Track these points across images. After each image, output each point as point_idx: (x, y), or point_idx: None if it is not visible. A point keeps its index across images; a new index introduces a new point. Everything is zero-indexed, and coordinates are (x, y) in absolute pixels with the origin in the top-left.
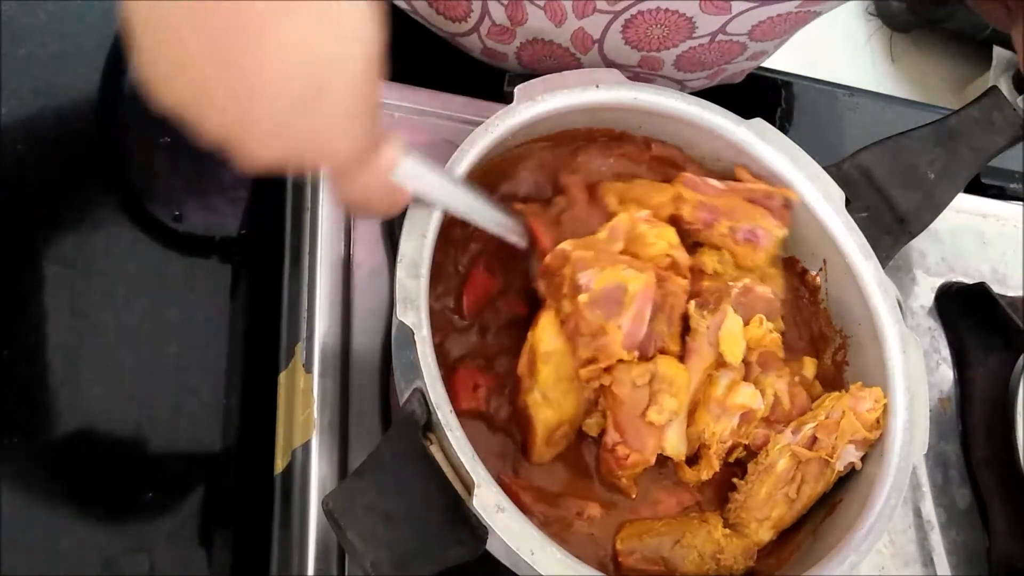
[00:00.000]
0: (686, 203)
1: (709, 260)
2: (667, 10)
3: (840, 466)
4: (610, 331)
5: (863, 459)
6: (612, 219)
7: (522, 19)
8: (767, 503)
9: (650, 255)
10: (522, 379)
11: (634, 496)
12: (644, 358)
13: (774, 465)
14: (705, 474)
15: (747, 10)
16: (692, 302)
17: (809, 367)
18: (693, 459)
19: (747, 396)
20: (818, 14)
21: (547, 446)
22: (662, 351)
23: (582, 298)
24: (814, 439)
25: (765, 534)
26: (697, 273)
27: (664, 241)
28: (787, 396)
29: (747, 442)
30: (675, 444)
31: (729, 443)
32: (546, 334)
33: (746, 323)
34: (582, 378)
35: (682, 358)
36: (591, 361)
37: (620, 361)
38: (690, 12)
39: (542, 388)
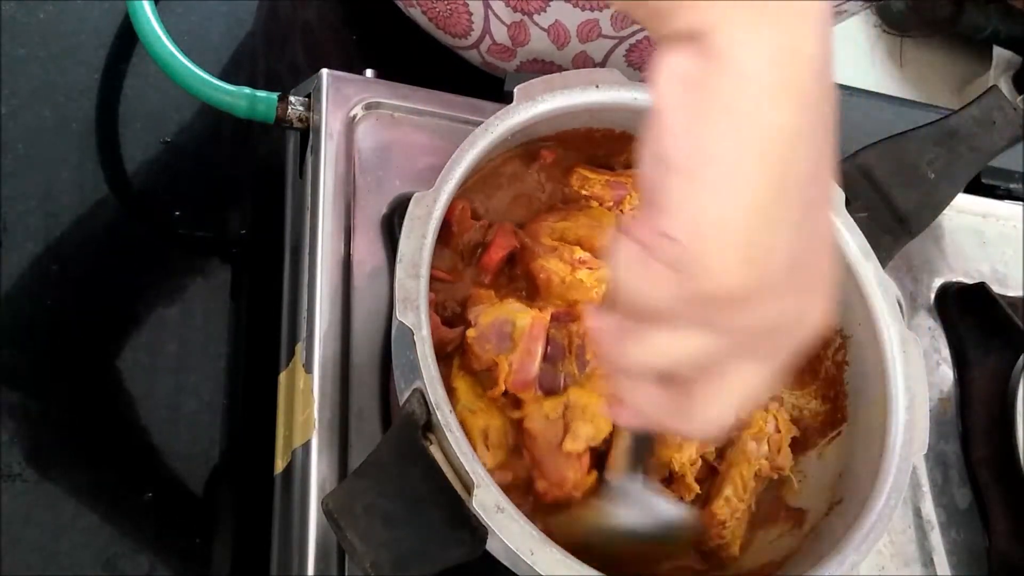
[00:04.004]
0: (595, 183)
1: None
2: None
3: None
4: (501, 365)
5: (863, 458)
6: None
7: (524, 40)
8: (742, 519)
9: (591, 299)
10: (450, 396)
11: None
12: (552, 395)
13: (747, 482)
14: (687, 496)
15: None
16: None
17: None
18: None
19: None
20: None
21: (488, 451)
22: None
23: (470, 332)
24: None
25: (736, 551)
26: None
27: (603, 284)
28: None
29: (710, 448)
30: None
31: (699, 463)
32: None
33: None
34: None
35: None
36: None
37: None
38: None
39: (464, 403)
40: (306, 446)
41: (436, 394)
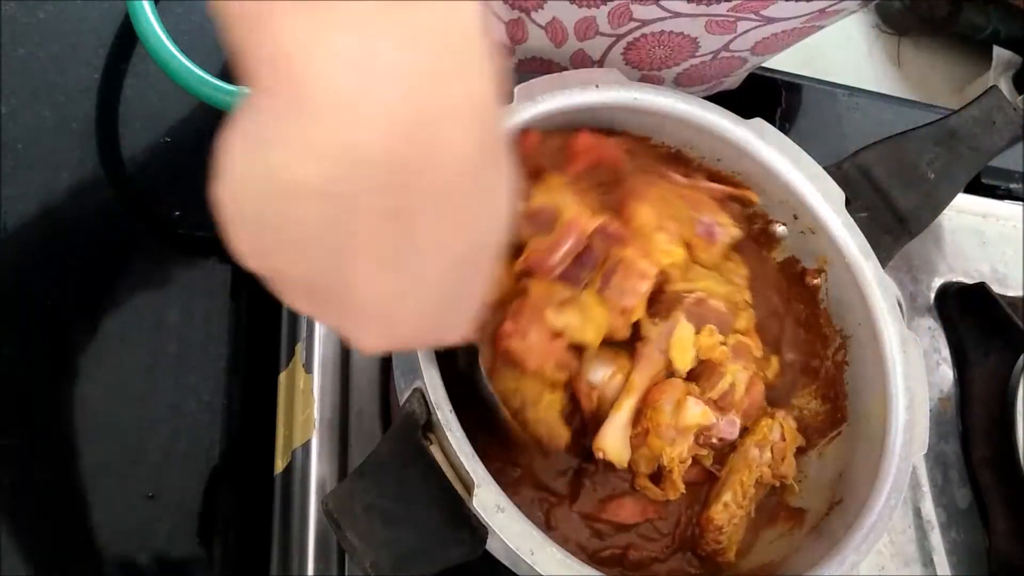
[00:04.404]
0: None
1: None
2: (671, 32)
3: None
4: (530, 243)
5: (863, 458)
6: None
7: (522, 38)
8: (740, 525)
9: (656, 260)
10: None
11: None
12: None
13: (748, 489)
14: (672, 494)
15: (752, 28)
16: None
17: (774, 365)
18: (656, 476)
19: (698, 415)
20: (821, 27)
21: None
22: None
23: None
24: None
25: (733, 556)
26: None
27: (672, 259)
28: (743, 386)
29: (705, 452)
30: (616, 448)
31: (689, 462)
32: None
33: (697, 332)
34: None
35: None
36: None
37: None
38: (694, 33)
39: None
40: (306, 446)
41: (436, 394)
